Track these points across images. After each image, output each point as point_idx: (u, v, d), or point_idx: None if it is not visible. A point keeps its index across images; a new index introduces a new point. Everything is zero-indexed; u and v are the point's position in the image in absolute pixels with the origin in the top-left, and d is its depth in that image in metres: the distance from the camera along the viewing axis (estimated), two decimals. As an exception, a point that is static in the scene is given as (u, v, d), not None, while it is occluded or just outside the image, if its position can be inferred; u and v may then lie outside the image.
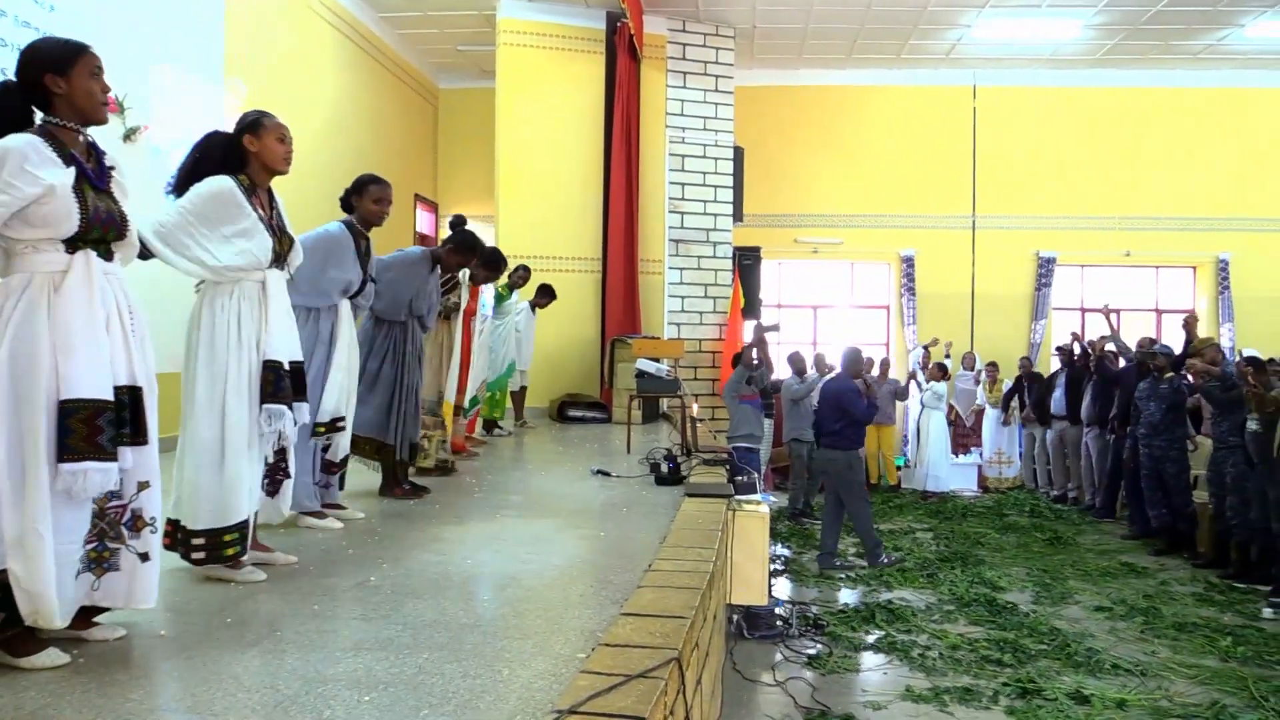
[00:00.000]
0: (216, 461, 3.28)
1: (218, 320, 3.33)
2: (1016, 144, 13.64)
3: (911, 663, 5.67)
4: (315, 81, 9.82)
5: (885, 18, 11.49)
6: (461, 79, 13.39)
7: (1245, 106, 13.49)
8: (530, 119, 10.54)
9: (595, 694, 2.13)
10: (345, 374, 4.39)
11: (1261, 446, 7.07)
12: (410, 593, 3.21)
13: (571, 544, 4.09)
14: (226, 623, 2.87)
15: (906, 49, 12.64)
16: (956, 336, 13.30)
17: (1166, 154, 13.57)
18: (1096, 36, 12.11)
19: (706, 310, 11.07)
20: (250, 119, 3.52)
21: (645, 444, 7.29)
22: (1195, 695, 5.16)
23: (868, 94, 13.63)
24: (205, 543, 3.26)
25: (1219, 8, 11.05)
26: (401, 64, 12.18)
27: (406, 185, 12.49)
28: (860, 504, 8.36)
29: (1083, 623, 6.54)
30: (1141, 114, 13.57)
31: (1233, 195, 13.51)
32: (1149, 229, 13.58)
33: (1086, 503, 10.91)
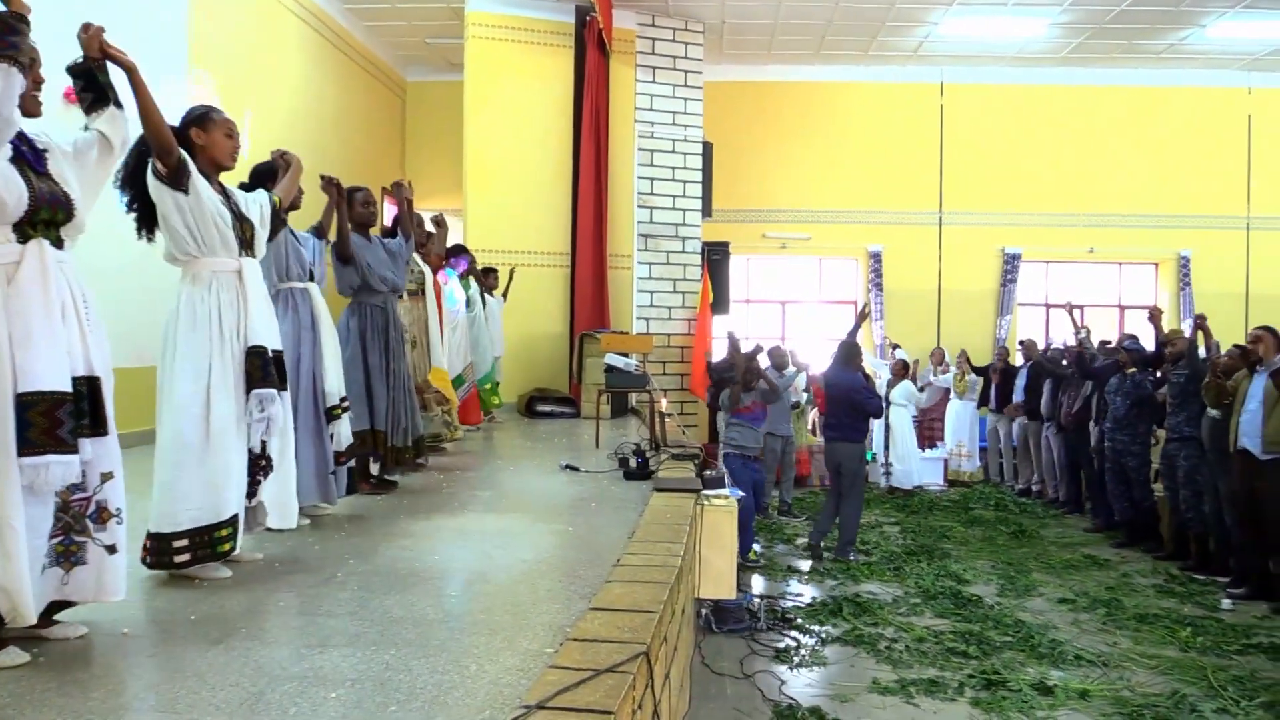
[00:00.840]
0: (201, 458, 3.26)
1: (199, 315, 3.31)
2: (983, 141, 13.76)
3: (878, 655, 5.71)
4: (281, 74, 9.72)
5: (853, 14, 11.55)
6: (430, 72, 13.31)
7: (1206, 106, 13.69)
8: (499, 113, 10.50)
9: (563, 689, 2.13)
10: (335, 355, 4.45)
11: (1217, 434, 7.18)
12: (377, 588, 3.19)
13: (540, 539, 4.09)
14: (191, 620, 2.84)
15: (874, 45, 12.70)
16: (923, 332, 13.41)
17: (1129, 152, 13.75)
18: (1062, 35, 12.24)
19: (675, 305, 11.08)
20: (198, 112, 3.49)
21: (614, 439, 7.29)
22: (1156, 685, 5.23)
23: (836, 90, 13.69)
24: (190, 544, 3.22)
25: (1181, 8, 11.19)
26: (369, 56, 12.09)
27: (374, 179, 12.30)
28: (860, 497, 8.61)
29: (1046, 615, 6.61)
30: (1105, 112, 13.74)
31: (1194, 193, 13.71)
32: (1112, 226, 13.75)
33: (1050, 496, 11.03)
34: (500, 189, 10.46)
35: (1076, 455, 10.21)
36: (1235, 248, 13.74)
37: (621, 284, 10.85)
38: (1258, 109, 13.74)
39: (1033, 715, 4.76)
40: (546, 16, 10.59)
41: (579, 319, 10.36)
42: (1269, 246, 13.69)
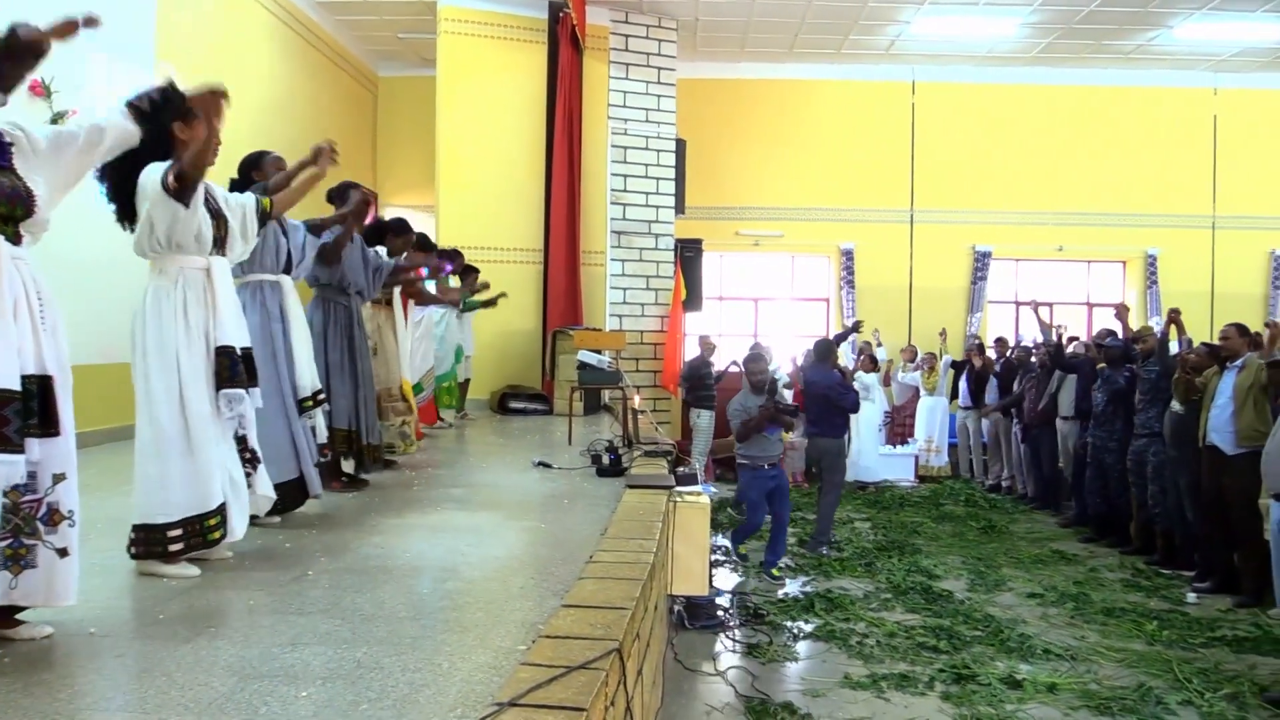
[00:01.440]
0: (185, 450, 3.27)
1: (164, 310, 3.29)
2: (953, 139, 13.85)
3: (849, 650, 5.74)
4: (249, 67, 9.63)
5: (826, 12, 11.59)
6: (402, 67, 13.22)
7: (1174, 106, 13.84)
8: (471, 109, 10.46)
9: (536, 686, 2.13)
10: (306, 347, 4.41)
11: (1179, 431, 7.27)
12: (348, 586, 3.18)
13: (512, 536, 4.08)
14: (159, 619, 2.82)
15: (847, 44, 12.76)
16: (895, 329, 13.48)
17: (1098, 151, 13.88)
18: (1031, 35, 12.34)
19: (648, 302, 11.08)
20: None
21: (587, 436, 7.29)
22: (1123, 678, 5.30)
23: (809, 88, 13.73)
24: (184, 532, 3.23)
25: (1149, 9, 11.32)
26: (340, 51, 11.99)
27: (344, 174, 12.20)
28: (837, 492, 8.71)
29: (1016, 609, 6.68)
30: (1075, 112, 13.87)
31: (1160, 193, 13.87)
32: (1081, 224, 13.88)
33: (1019, 492, 11.13)
34: (473, 185, 10.42)
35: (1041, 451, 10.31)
36: (1201, 246, 13.91)
37: (594, 280, 10.85)
38: (1223, 109, 13.92)
39: (1002, 709, 4.80)
40: (520, 12, 10.56)
41: (552, 315, 10.35)
42: (1234, 245, 13.87)
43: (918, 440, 12.68)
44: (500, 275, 10.01)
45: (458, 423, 8.82)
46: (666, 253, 11.13)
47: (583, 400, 9.04)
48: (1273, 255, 13.89)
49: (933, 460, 12.56)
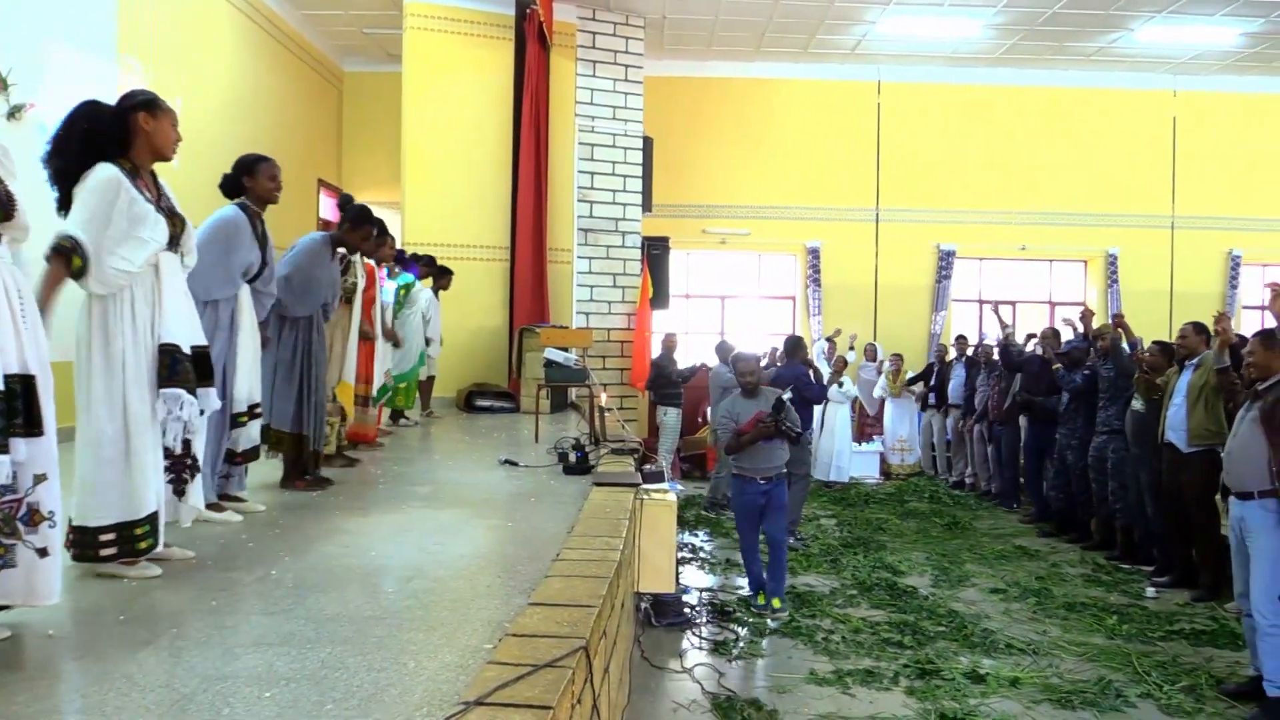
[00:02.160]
0: (121, 454, 3.19)
1: (109, 309, 3.21)
2: (919, 139, 13.96)
3: (815, 647, 5.78)
4: (212, 61, 9.52)
5: (793, 12, 11.64)
6: (367, 62, 13.14)
7: (1134, 107, 14.05)
8: (437, 105, 10.40)
9: (502, 684, 2.12)
10: (251, 360, 4.30)
11: (1140, 428, 7.39)
12: (313, 586, 3.15)
13: (478, 534, 4.07)
14: (120, 621, 2.78)
15: (813, 43, 12.82)
16: (860, 327, 13.57)
17: (1060, 152, 14.06)
18: (996, 36, 12.46)
19: (615, 300, 11.08)
20: (146, 97, 3.39)
21: (553, 433, 7.27)
22: (1084, 672, 5.37)
23: (775, 87, 13.79)
24: (116, 538, 3.16)
25: (1110, 11, 11.47)
26: (304, 45, 11.89)
27: (309, 170, 12.21)
28: (805, 483, 8.88)
29: (979, 604, 6.75)
30: (1038, 113, 14.03)
31: (1121, 193, 14.07)
32: (1043, 224, 14.04)
33: (983, 488, 11.25)
34: (439, 182, 10.37)
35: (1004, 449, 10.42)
36: (1160, 246, 14.13)
37: (561, 278, 10.83)
38: (1182, 111, 14.14)
39: (965, 703, 4.84)
40: (486, 8, 10.52)
41: (518, 313, 10.32)
42: (1192, 245, 14.11)
43: (888, 439, 12.78)
44: (466, 272, 9.97)
45: (424, 420, 8.78)
46: (633, 250, 11.13)
47: (549, 398, 9.02)
48: (1230, 255, 14.14)
49: (905, 459, 12.66)
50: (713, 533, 9.10)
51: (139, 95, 3.41)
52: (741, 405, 6.62)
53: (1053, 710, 4.83)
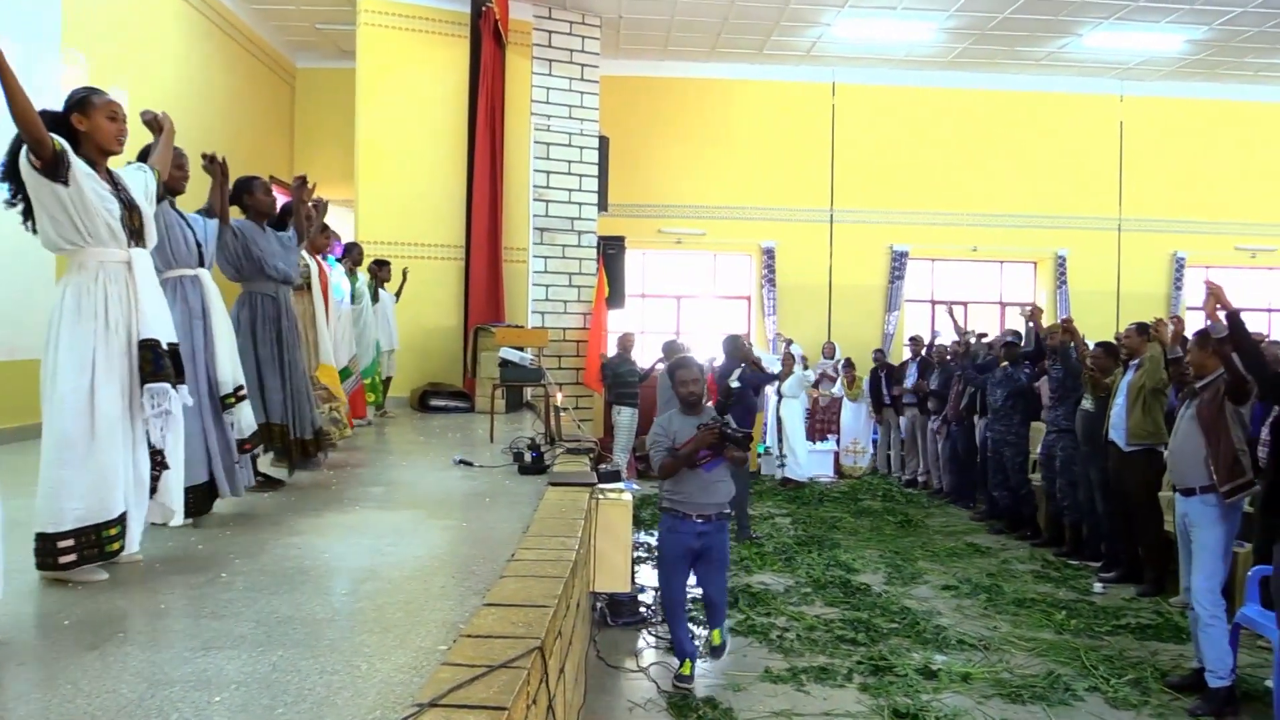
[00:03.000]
0: (85, 455, 3.14)
1: (83, 307, 3.17)
2: (872, 141, 14.10)
3: (770, 644, 5.81)
4: (160, 55, 9.36)
5: (748, 13, 11.70)
6: (320, 58, 12.99)
7: (1082, 111, 14.30)
8: (392, 102, 10.31)
9: (457, 685, 2.11)
10: (228, 343, 4.29)
11: (1090, 427, 7.53)
12: (264, 588, 3.11)
13: (433, 535, 4.04)
14: (64, 625, 2.72)
15: (769, 45, 12.89)
16: (814, 327, 13.68)
17: (1011, 154, 14.27)
18: (948, 40, 12.61)
19: (571, 299, 11.07)
20: (78, 96, 3.34)
21: (508, 433, 7.24)
22: (1033, 667, 5.45)
23: (731, 88, 13.85)
24: (75, 544, 3.09)
25: (1060, 17, 11.66)
26: (256, 40, 11.73)
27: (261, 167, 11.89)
28: (745, 482, 8.86)
29: (931, 601, 6.82)
30: (989, 116, 14.23)
31: (1070, 195, 14.32)
32: (994, 226, 14.25)
33: (935, 487, 11.38)
34: (393, 179, 10.28)
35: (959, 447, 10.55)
36: (1107, 248, 14.40)
37: (516, 277, 10.79)
38: (1129, 116, 14.41)
39: (918, 699, 4.90)
40: (441, 5, 10.45)
41: (473, 312, 10.27)
42: (1138, 247, 14.39)
43: (843, 440, 12.89)
44: (421, 271, 9.91)
45: (378, 420, 8.71)
46: (589, 250, 11.12)
47: (504, 397, 8.98)
48: (1174, 257, 14.44)
49: (859, 461, 12.77)
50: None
51: (72, 96, 3.36)
52: (680, 423, 5.16)
53: (1003, 705, 4.90)
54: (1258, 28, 11.80)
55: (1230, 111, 14.44)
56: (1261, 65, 13.33)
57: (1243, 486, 4.98)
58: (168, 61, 9.54)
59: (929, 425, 11.37)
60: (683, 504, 5.12)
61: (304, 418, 5.16)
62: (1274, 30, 11.87)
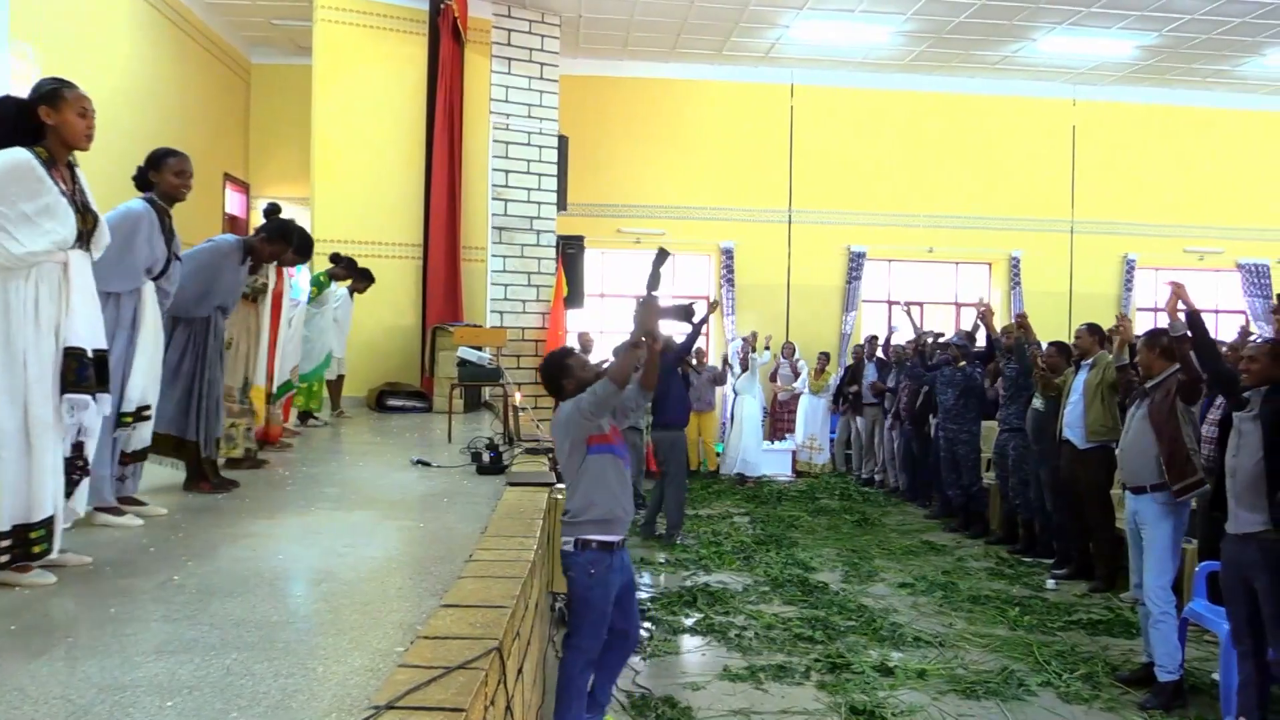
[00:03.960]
0: (21, 453, 3.07)
1: (12, 304, 3.09)
2: (830, 142, 14.20)
3: (729, 643, 5.84)
4: (111, 49, 9.20)
5: (708, 14, 11.73)
6: (276, 54, 12.84)
7: (1036, 115, 14.51)
8: (349, 99, 10.21)
9: (414, 687, 2.09)
10: (150, 360, 4.17)
11: (1041, 425, 7.65)
12: (217, 591, 3.07)
13: (390, 536, 4.01)
14: (11, 630, 2.67)
15: (728, 46, 12.94)
16: (773, 327, 13.74)
17: (966, 157, 14.45)
18: (905, 43, 12.73)
19: (530, 299, 11.02)
20: (47, 88, 3.27)
21: (467, 433, 7.21)
22: (988, 663, 5.52)
23: (690, 88, 13.89)
24: (12, 543, 3.03)
25: (1015, 22, 11.82)
26: (210, 35, 11.57)
27: (215, 164, 11.89)
28: (681, 482, 8.93)
29: (888, 599, 6.89)
30: (945, 118, 14.39)
31: (1024, 198, 14.53)
32: (950, 227, 14.42)
33: (891, 485, 11.49)
34: (350, 178, 10.18)
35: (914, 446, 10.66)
36: (1060, 249, 14.63)
37: (475, 276, 10.73)
38: (1081, 120, 14.64)
39: (875, 696, 4.94)
40: (399, 2, 10.36)
41: (431, 311, 10.20)
42: (1090, 249, 14.64)
43: (799, 437, 12.96)
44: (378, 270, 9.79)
45: (333, 420, 8.62)
46: (548, 249, 11.09)
47: (463, 397, 8.93)
48: (1125, 259, 14.69)
49: (815, 458, 12.86)
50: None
51: (41, 87, 3.29)
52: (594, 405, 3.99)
53: (958, 700, 4.96)
54: (1205, 35, 12.05)
55: (1180, 117, 14.72)
56: (1209, 71, 13.60)
57: (1193, 485, 5.08)
58: (119, 55, 9.38)
59: (885, 424, 11.47)
60: (614, 523, 3.98)
61: (213, 434, 4.97)
62: (1221, 37, 12.13)
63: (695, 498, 10.88)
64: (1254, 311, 14.77)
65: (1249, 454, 4.24)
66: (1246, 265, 14.84)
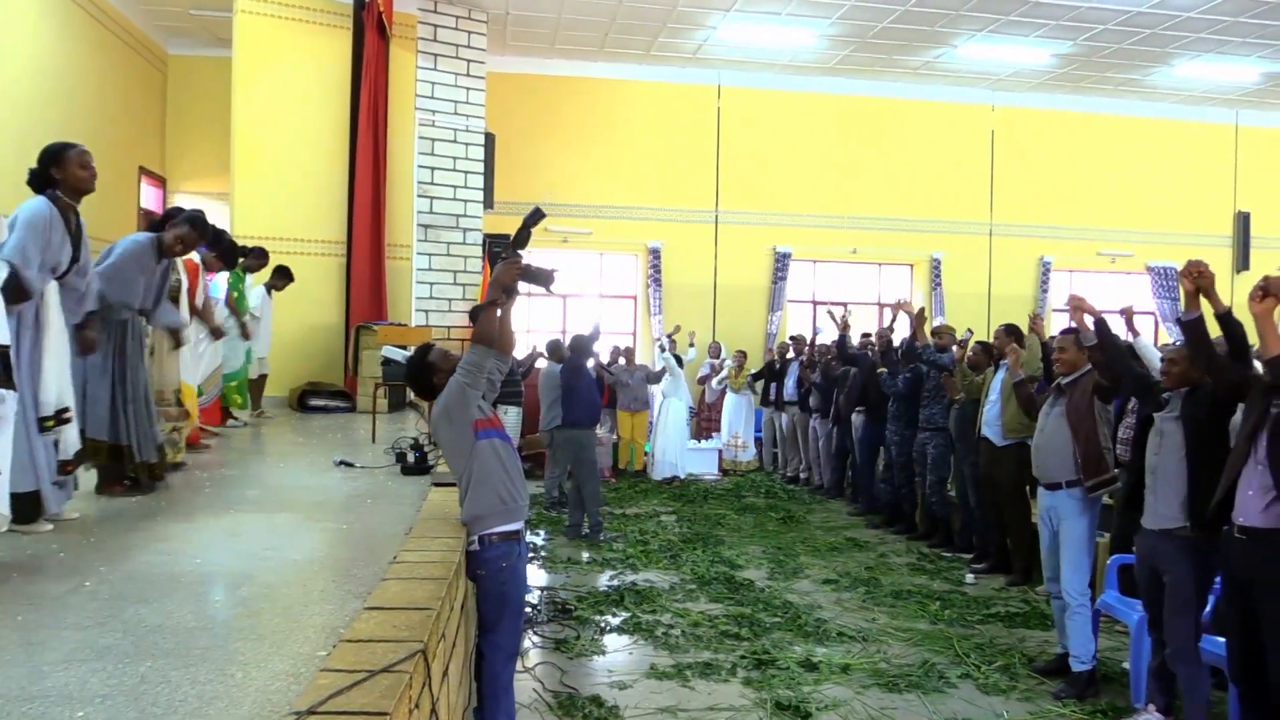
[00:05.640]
0: None
1: None
2: (757, 143, 14.34)
3: (656, 641, 5.85)
4: (17, 37, 8.89)
5: (636, 14, 11.75)
6: (194, 46, 12.51)
7: (957, 120, 14.83)
8: (270, 93, 10.02)
9: (336, 692, 2.06)
10: (59, 361, 4.02)
11: (962, 424, 7.84)
12: (132, 597, 2.99)
13: (312, 538, 3.95)
14: (-90, 639, 2.57)
15: (656, 46, 12.98)
16: (699, 326, 13.82)
17: (889, 160, 14.70)
18: (830, 47, 12.91)
19: (456, 298, 10.93)
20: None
21: (391, 433, 7.13)
22: (909, 656, 5.63)
23: (619, 88, 13.91)
24: None
25: (936, 28, 12.06)
26: (124, 24, 11.23)
27: (130, 157, 11.56)
28: (595, 480, 8.99)
29: (812, 595, 6.98)
30: (869, 122, 14.63)
31: (945, 200, 14.84)
32: (873, 229, 14.65)
33: (816, 483, 11.64)
34: (271, 173, 9.98)
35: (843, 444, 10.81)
36: (980, 251, 14.97)
37: (400, 275, 10.61)
38: (1000, 125, 15.01)
39: (800, 691, 5.00)
40: (322, -5, 10.19)
41: (355, 310, 10.06)
42: (1008, 251, 15.01)
43: (724, 435, 13.05)
44: (300, 267, 9.63)
45: (254, 421, 8.45)
46: (475, 248, 11.01)
47: (387, 397, 8.83)
48: (1041, 260, 15.09)
49: (740, 455, 12.96)
50: (552, 531, 9.10)
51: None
52: None
53: (881, 694, 5.05)
54: (1118, 44, 12.44)
55: (1093, 123, 15.17)
56: (1121, 80, 14.05)
57: (1106, 482, 5.24)
58: (25, 44, 9.07)
59: (810, 423, 11.60)
60: (514, 510, 3.86)
61: (146, 438, 4.86)
62: (1133, 47, 12.53)
63: (622, 497, 10.90)
64: (1163, 313, 15.30)
65: (1170, 453, 4.39)
66: (1156, 268, 15.36)
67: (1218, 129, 15.57)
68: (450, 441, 3.84)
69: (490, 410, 3.94)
